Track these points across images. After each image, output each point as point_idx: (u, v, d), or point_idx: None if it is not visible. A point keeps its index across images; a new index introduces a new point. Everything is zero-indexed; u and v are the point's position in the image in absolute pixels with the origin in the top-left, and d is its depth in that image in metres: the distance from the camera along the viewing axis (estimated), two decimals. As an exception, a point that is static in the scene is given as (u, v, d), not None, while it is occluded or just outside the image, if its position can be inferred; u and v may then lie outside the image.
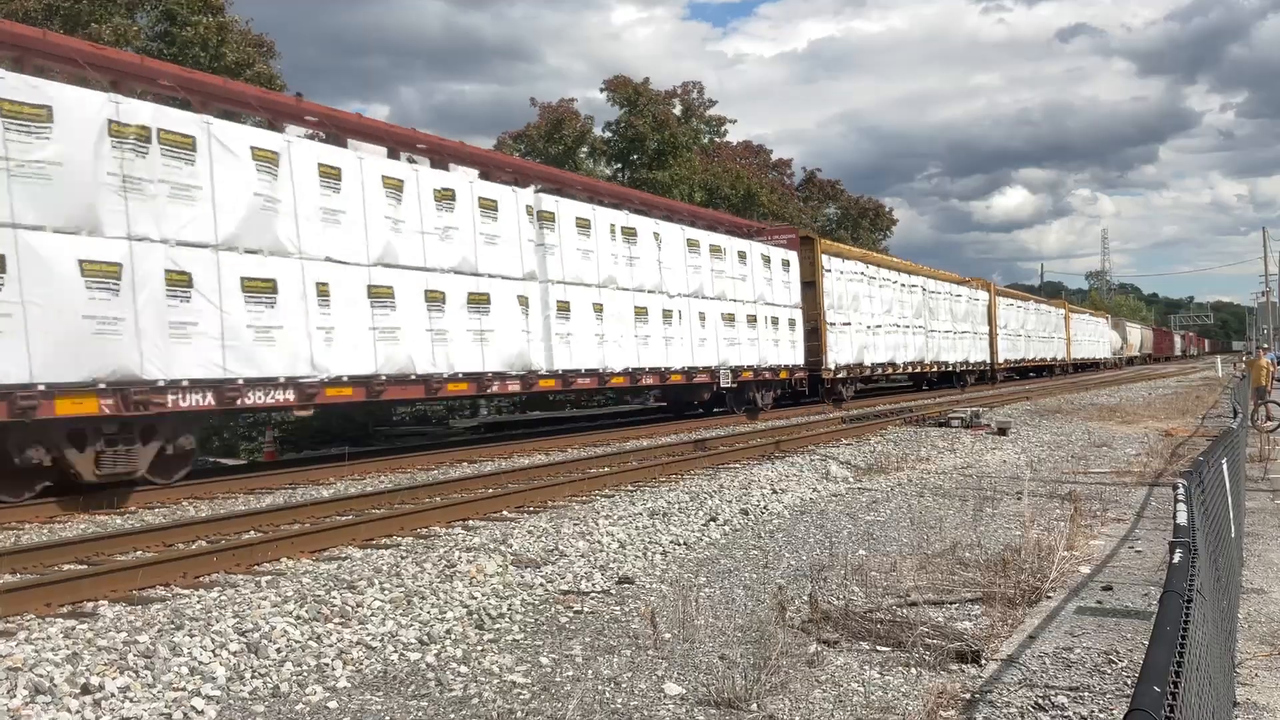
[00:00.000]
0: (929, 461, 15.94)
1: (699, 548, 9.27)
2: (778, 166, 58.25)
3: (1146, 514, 10.95)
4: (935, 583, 7.65)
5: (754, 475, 13.26)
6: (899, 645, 6.07)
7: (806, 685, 5.43)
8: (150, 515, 11.29)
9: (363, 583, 7.20)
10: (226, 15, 28.89)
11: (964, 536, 9.31)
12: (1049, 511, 10.69)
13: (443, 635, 6.30)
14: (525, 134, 47.57)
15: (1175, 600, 2.79)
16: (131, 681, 5.23)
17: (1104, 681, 5.50)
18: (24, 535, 10.13)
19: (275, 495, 12.75)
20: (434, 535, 9.61)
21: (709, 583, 7.81)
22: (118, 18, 26.53)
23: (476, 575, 7.58)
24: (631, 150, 49.32)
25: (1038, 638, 6.32)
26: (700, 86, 52.03)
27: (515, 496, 11.56)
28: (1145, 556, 8.71)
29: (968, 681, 5.54)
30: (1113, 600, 7.28)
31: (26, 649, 5.65)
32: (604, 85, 49.59)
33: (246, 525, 10.06)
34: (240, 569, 8.08)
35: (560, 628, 6.60)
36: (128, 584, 7.38)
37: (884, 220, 66.95)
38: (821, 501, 12.02)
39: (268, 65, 30.03)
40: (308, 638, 6.02)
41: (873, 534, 9.88)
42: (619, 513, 10.40)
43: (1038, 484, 12.81)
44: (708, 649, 6.07)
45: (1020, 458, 16.51)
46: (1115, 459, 16.40)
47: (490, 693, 5.33)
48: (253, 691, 5.32)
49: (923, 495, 12.34)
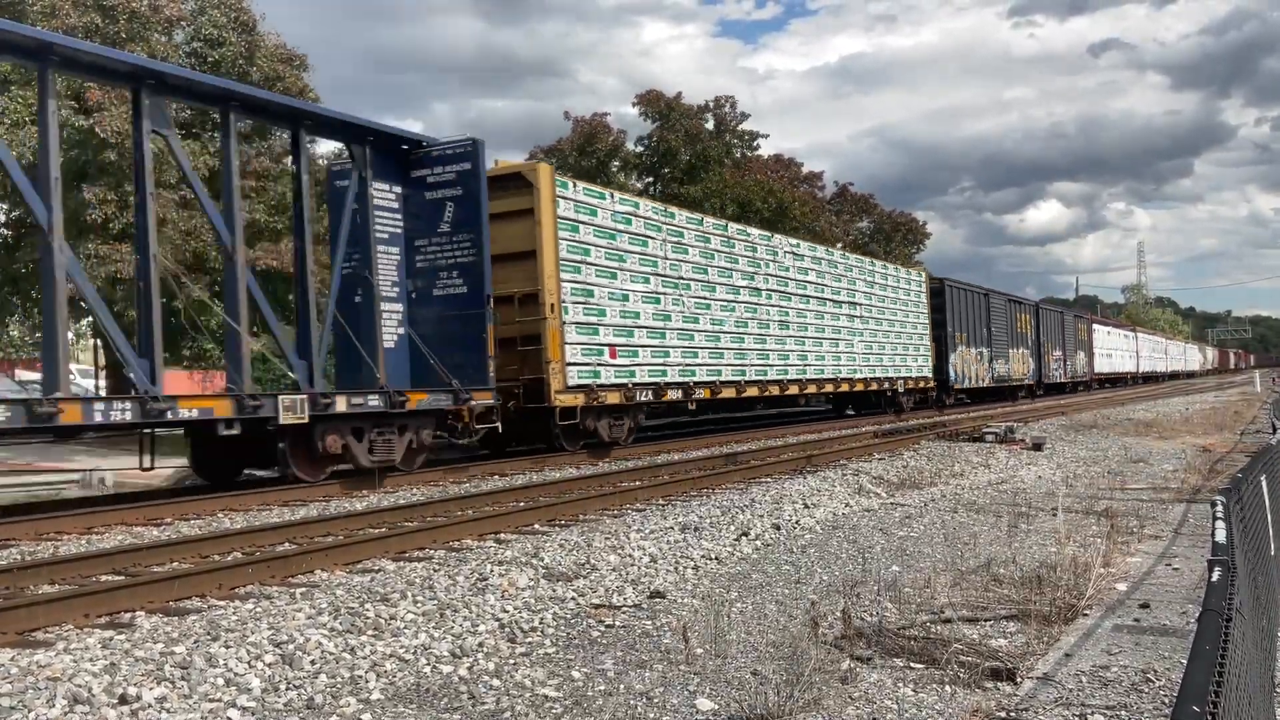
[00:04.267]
0: (963, 477, 15.82)
1: (730, 562, 9.24)
2: (809, 180, 58.13)
3: (1184, 531, 10.81)
4: (970, 599, 7.59)
5: (786, 490, 13.21)
6: (933, 662, 6.02)
7: (840, 702, 5.40)
8: (186, 527, 11.40)
9: (396, 595, 7.24)
10: (258, 33, 29.34)
11: (999, 553, 9.23)
12: (1085, 528, 10.58)
13: (475, 648, 6.31)
14: (557, 148, 47.80)
15: (1214, 619, 2.76)
16: (168, 692, 5.28)
17: (1142, 700, 5.43)
18: (62, 547, 10.26)
19: (309, 508, 12.84)
20: (466, 548, 9.64)
21: (741, 598, 7.79)
22: (156, 34, 26.94)
23: (508, 588, 7.60)
24: (663, 164, 49.44)
25: (1074, 656, 6.25)
26: (733, 101, 52.09)
27: (546, 510, 11.58)
28: (1183, 574, 8.60)
29: (1003, 699, 5.48)
30: (1150, 618, 7.19)
31: (65, 659, 5.73)
32: (636, 99, 49.79)
33: (281, 537, 10.14)
34: (275, 581, 8.14)
35: (592, 641, 6.60)
36: (164, 595, 7.46)
37: (918, 234, 66.65)
38: (854, 516, 11.96)
39: (299, 78, 30.40)
40: (342, 650, 6.05)
41: (906, 550, 9.81)
42: (650, 526, 10.40)
43: (1073, 500, 12.68)
44: (740, 664, 6.05)
45: (1056, 473, 16.36)
46: (1152, 475, 16.21)
47: (522, 706, 5.34)
48: (287, 703, 5.35)
49: (956, 511, 12.25)
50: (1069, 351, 52.13)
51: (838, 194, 63.44)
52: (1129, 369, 67.67)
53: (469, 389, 15.92)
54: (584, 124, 47.96)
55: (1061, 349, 50.61)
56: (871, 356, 30.49)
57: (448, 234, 16.34)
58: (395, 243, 16.42)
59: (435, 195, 16.43)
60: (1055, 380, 49.05)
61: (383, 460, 15.02)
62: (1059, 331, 50.57)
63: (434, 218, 16.39)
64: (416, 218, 16.53)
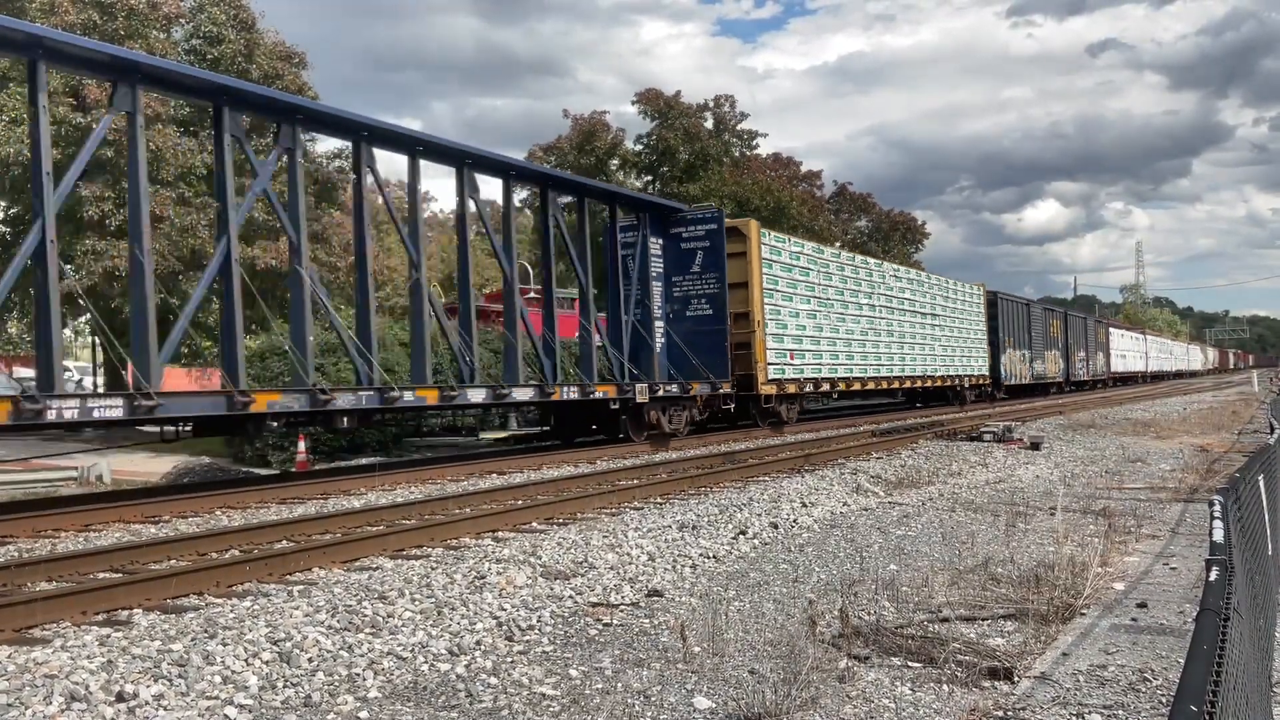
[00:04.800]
0: (960, 476, 15.83)
1: (728, 561, 9.25)
2: (807, 178, 58.14)
3: (1182, 530, 10.82)
4: (967, 598, 7.60)
5: (784, 488, 13.21)
6: (931, 661, 6.02)
7: (837, 701, 5.40)
8: (184, 525, 11.40)
9: (393, 593, 7.23)
10: (257, 30, 29.35)
11: (996, 552, 9.23)
12: (1083, 527, 10.59)
13: (473, 646, 6.31)
14: (556, 146, 47.77)
15: (1211, 618, 2.76)
16: (166, 690, 5.28)
17: (1139, 700, 5.44)
18: (60, 544, 10.26)
19: (307, 505, 12.84)
20: (464, 546, 9.64)
21: (738, 596, 7.79)
22: (155, 31, 26.93)
23: (506, 587, 7.60)
24: (662, 163, 49.41)
25: (1071, 655, 6.25)
26: (732, 100, 52.12)
27: (544, 508, 11.59)
28: (1180, 574, 8.60)
29: (1000, 699, 5.49)
30: (1148, 618, 7.19)
31: (62, 656, 5.72)
32: (635, 98, 49.79)
33: (279, 535, 10.14)
34: (273, 578, 8.14)
35: (590, 640, 6.60)
36: (162, 592, 7.46)
37: (916, 234, 66.69)
38: (852, 515, 11.96)
39: (298, 76, 30.41)
40: (339, 647, 6.05)
41: (904, 549, 9.82)
42: (648, 525, 10.40)
43: (1071, 499, 12.68)
44: (737, 663, 6.05)
45: (1053, 473, 16.37)
46: (1150, 474, 16.23)
47: (520, 704, 5.34)
48: (285, 701, 5.35)
49: (954, 510, 12.25)
50: (1090, 352, 57.70)
51: (836, 193, 63.47)
52: (1139, 368, 73.89)
53: (719, 381, 23.14)
54: (583, 123, 47.96)
55: (1085, 350, 56.13)
56: (945, 358, 36.11)
57: (697, 273, 23.73)
58: (660, 279, 23.69)
59: (689, 246, 23.90)
60: (1080, 378, 54.42)
61: (675, 429, 22.12)
62: (1082, 335, 55.99)
63: (687, 261, 23.87)
64: (674, 261, 23.98)
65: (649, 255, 23.02)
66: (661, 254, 23.68)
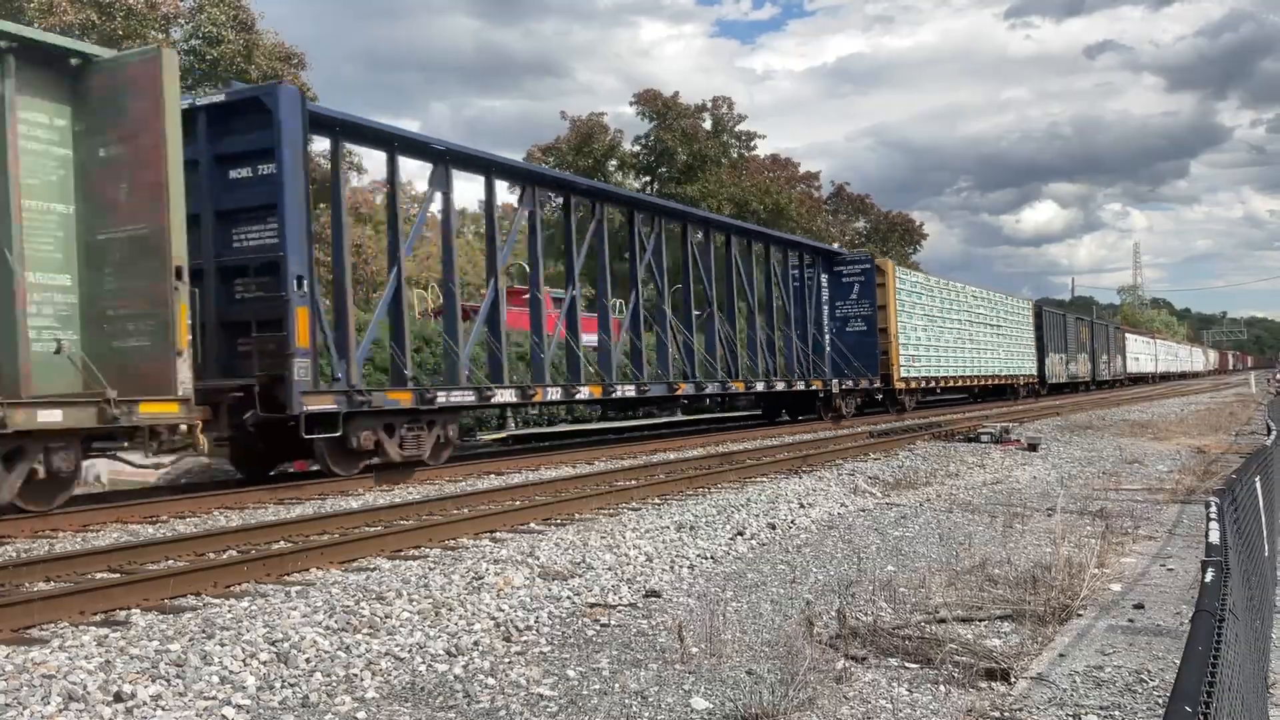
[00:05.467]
0: (958, 477, 15.84)
1: (726, 562, 9.25)
2: (805, 179, 58.19)
3: (1179, 531, 10.84)
4: (964, 599, 7.61)
5: (781, 489, 13.22)
6: (928, 662, 6.03)
7: (834, 701, 5.41)
8: (182, 525, 11.40)
9: (391, 594, 7.23)
10: (257, 31, 29.34)
11: (993, 553, 9.25)
12: (1080, 528, 10.59)
13: (470, 647, 6.32)
14: (555, 147, 47.77)
15: (1207, 620, 2.77)
16: (163, 690, 5.28)
17: (1135, 701, 5.45)
18: (58, 544, 10.25)
19: (305, 506, 12.83)
20: (462, 547, 9.64)
21: (736, 597, 7.80)
22: (153, 31, 26.92)
23: (504, 587, 7.60)
24: (660, 164, 49.41)
25: (1068, 656, 6.27)
26: (730, 101, 52.18)
27: (542, 509, 11.59)
28: (1177, 575, 8.62)
29: (997, 699, 5.50)
30: (1144, 619, 7.21)
31: (60, 656, 5.72)
32: (634, 99, 49.81)
33: (276, 535, 10.13)
34: (270, 579, 8.14)
35: (587, 640, 6.60)
36: (160, 593, 7.46)
37: (914, 234, 66.74)
38: (849, 516, 11.98)
39: (297, 77, 30.42)
40: (337, 648, 6.05)
41: (901, 550, 9.83)
42: (646, 525, 10.40)
43: (1068, 500, 12.69)
44: (735, 664, 6.05)
45: (1051, 474, 16.39)
46: (1147, 476, 16.25)
47: (517, 705, 5.35)
48: (282, 701, 5.35)
49: (951, 511, 12.26)
50: (1111, 355, 65.14)
51: (834, 194, 63.51)
52: (1150, 369, 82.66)
53: (873, 378, 31.20)
54: (581, 124, 47.97)
55: (1107, 353, 63.82)
56: (1005, 360, 43.45)
57: (854, 300, 31.70)
58: (825, 303, 31.28)
59: (848, 280, 31.90)
60: (1103, 378, 61.66)
61: (848, 411, 29.89)
62: (1105, 340, 63.83)
63: (846, 291, 31.87)
64: (835, 290, 31.84)
65: (820, 286, 31.03)
66: (828, 284, 31.55)
